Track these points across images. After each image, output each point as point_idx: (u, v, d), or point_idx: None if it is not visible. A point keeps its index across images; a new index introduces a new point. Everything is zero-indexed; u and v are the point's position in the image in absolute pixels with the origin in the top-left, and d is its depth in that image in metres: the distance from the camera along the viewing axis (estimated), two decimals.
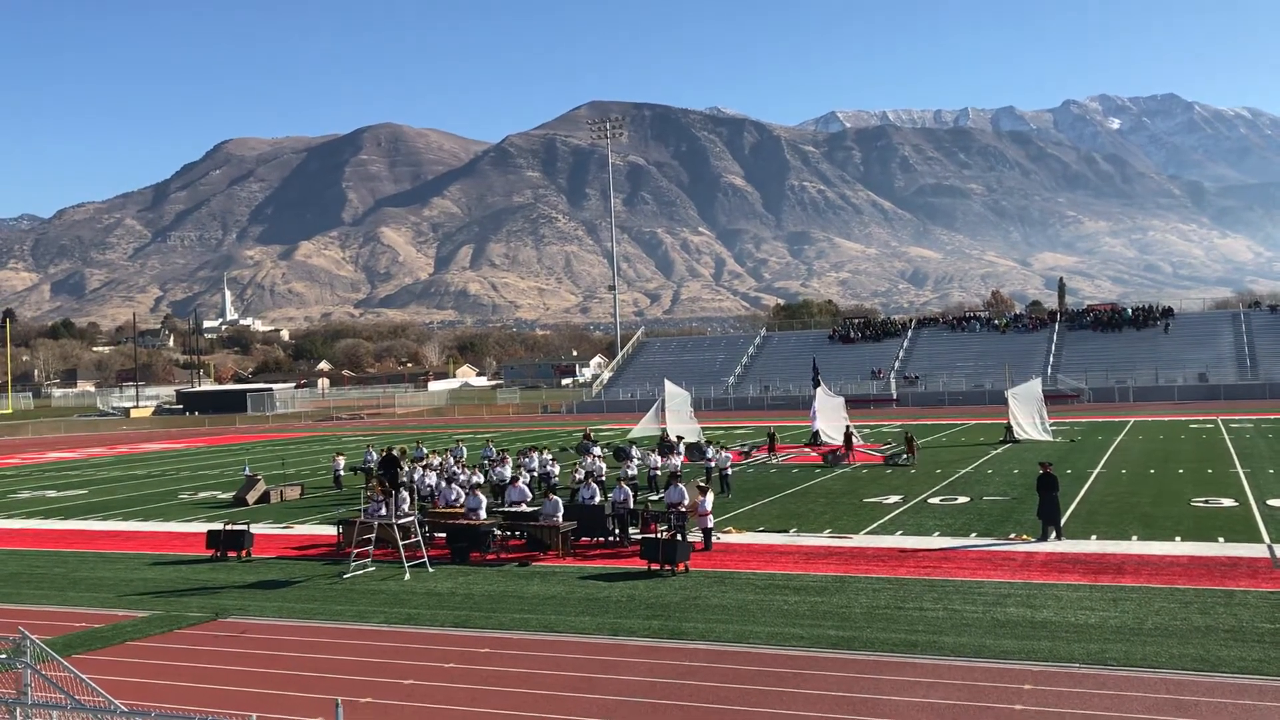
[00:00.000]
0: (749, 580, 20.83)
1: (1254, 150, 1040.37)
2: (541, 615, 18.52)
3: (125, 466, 55.10)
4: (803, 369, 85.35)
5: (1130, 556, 21.82)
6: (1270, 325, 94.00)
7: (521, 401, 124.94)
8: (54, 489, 44.57)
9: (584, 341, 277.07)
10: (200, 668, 15.99)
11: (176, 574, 23.94)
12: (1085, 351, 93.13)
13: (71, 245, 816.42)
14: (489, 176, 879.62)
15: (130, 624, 19.03)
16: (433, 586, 21.35)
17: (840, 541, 24.84)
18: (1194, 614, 16.95)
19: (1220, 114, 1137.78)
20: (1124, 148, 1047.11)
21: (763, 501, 32.09)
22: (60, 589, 22.67)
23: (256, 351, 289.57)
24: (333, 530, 27.72)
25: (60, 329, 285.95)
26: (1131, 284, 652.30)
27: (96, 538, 30.12)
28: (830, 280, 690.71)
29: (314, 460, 54.77)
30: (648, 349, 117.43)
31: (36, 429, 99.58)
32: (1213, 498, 29.63)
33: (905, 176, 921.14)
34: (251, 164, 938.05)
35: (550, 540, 24.37)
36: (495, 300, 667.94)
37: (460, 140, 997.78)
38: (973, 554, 22.74)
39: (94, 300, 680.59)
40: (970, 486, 33.75)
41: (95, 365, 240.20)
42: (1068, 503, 28.25)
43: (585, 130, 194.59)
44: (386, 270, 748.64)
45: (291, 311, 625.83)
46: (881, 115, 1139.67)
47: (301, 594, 21.22)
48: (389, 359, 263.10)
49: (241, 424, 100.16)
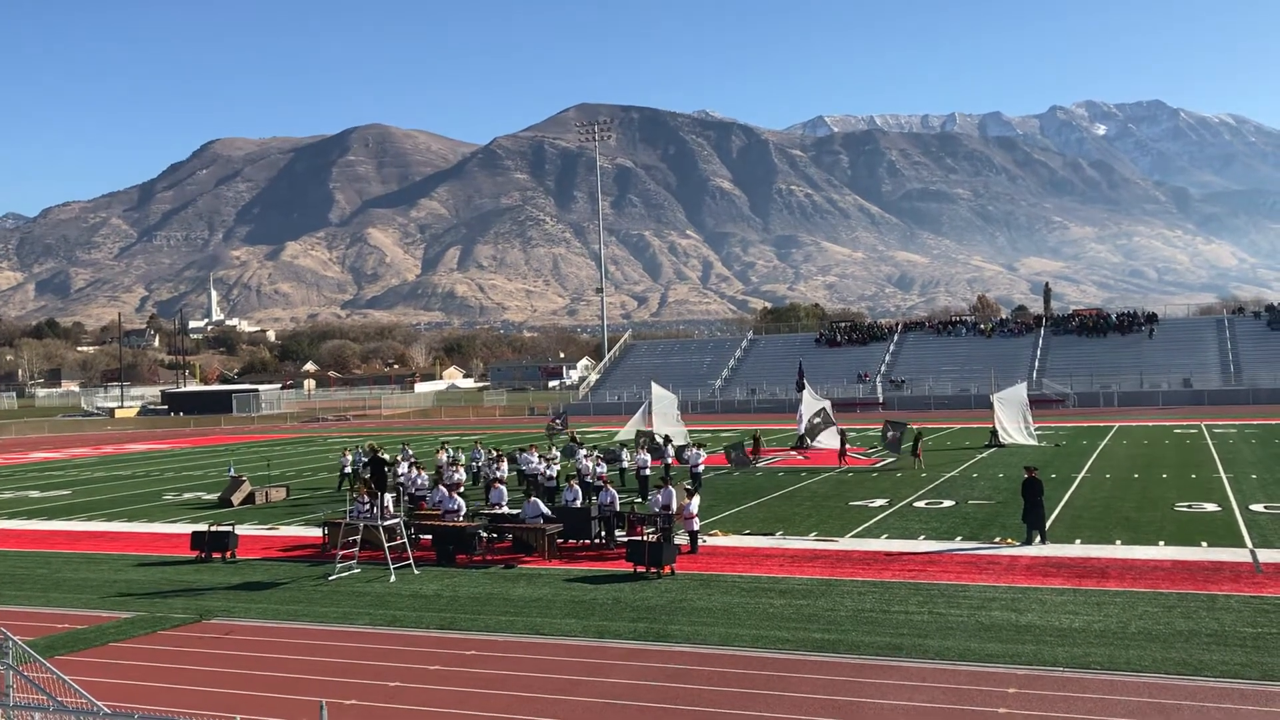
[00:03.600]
0: (735, 583, 20.85)
1: (1238, 157, 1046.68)
2: (527, 617, 18.51)
3: (110, 467, 54.83)
4: (789, 372, 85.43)
5: (1114, 561, 21.91)
6: (1254, 331, 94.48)
7: (508, 403, 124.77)
8: (38, 489, 44.32)
9: (571, 343, 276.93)
10: (184, 669, 15.93)
11: (161, 575, 23.84)
12: (1070, 356, 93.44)
13: (57, 244, 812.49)
14: (476, 178, 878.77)
15: (114, 625, 18.94)
16: (418, 588, 21.31)
17: (826, 544, 24.88)
18: (1177, 618, 17.04)
19: (1205, 121, 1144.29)
20: (1110, 154, 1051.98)
21: (749, 504, 32.11)
22: (43, 590, 22.56)
23: (242, 352, 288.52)
24: (318, 532, 27.65)
25: (45, 328, 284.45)
26: (1117, 289, 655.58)
27: (80, 538, 29.97)
28: (817, 284, 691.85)
29: (299, 462, 54.61)
30: (635, 351, 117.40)
31: (20, 429, 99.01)
32: (1196, 503, 29.77)
33: (892, 181, 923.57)
34: (238, 164, 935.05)
35: (536, 542, 24.36)
36: (482, 302, 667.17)
37: (448, 142, 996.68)
38: (958, 558, 22.80)
39: (79, 300, 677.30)
40: (956, 490, 33.84)
41: (80, 365, 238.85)
42: (1052, 507, 28.35)
43: (573, 132, 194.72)
44: (373, 271, 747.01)
45: (278, 312, 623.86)
46: (869, 120, 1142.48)
47: (286, 596, 21.16)
48: (375, 360, 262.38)
49: (227, 425, 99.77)
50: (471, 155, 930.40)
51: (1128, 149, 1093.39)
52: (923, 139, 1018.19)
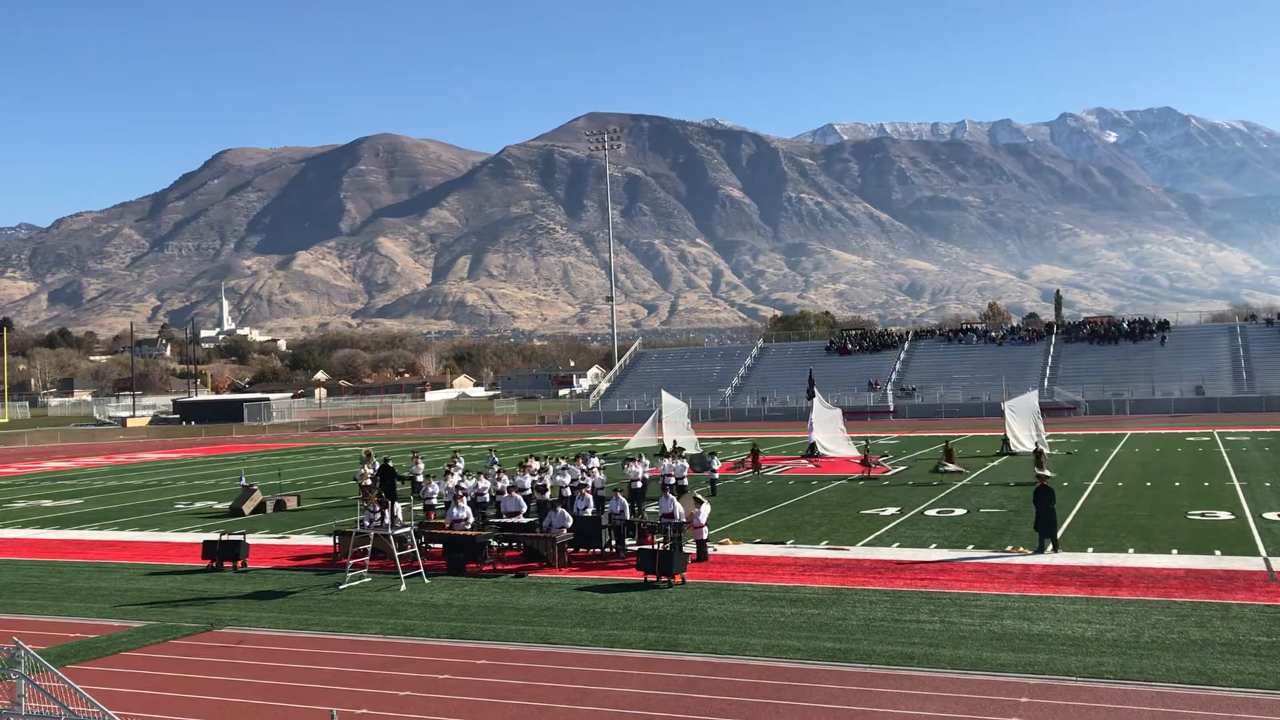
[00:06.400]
0: (745, 592, 20.80)
1: (1250, 163, 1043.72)
2: (537, 627, 18.49)
3: (121, 476, 54.98)
4: (800, 380, 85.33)
5: (1127, 569, 21.81)
6: (1266, 338, 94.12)
7: (519, 412, 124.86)
8: (50, 498, 44.47)
9: (581, 352, 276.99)
10: (195, 679, 15.96)
11: (172, 584, 23.89)
12: (1082, 364, 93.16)
13: (69, 254, 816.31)
14: (487, 187, 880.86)
15: (125, 634, 18.97)
16: (429, 598, 21.31)
17: (837, 553, 24.81)
18: (1190, 627, 16.95)
19: (1216, 127, 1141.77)
20: (1120, 161, 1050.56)
21: (760, 513, 32.06)
22: (55, 599, 22.61)
23: (253, 361, 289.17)
24: (329, 540, 27.68)
25: (57, 338, 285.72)
26: (1128, 297, 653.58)
27: (92, 548, 30.04)
28: (827, 292, 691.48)
29: (310, 470, 54.70)
30: (645, 360, 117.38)
31: (33, 438, 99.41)
32: (1209, 511, 29.61)
33: (902, 189, 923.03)
34: (250, 174, 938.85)
35: (546, 551, 24.34)
36: (493, 310, 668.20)
37: (458, 151, 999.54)
38: (970, 566, 22.73)
39: (91, 309, 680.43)
40: (967, 499, 33.73)
41: (92, 375, 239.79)
42: (1064, 515, 28.22)
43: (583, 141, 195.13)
44: (384, 280, 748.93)
45: (289, 321, 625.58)
46: (879, 128, 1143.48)
47: (297, 605, 21.18)
48: (386, 369, 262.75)
49: (238, 434, 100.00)
50: (482, 164, 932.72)
51: (1138, 156, 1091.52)
52: (933, 146, 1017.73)
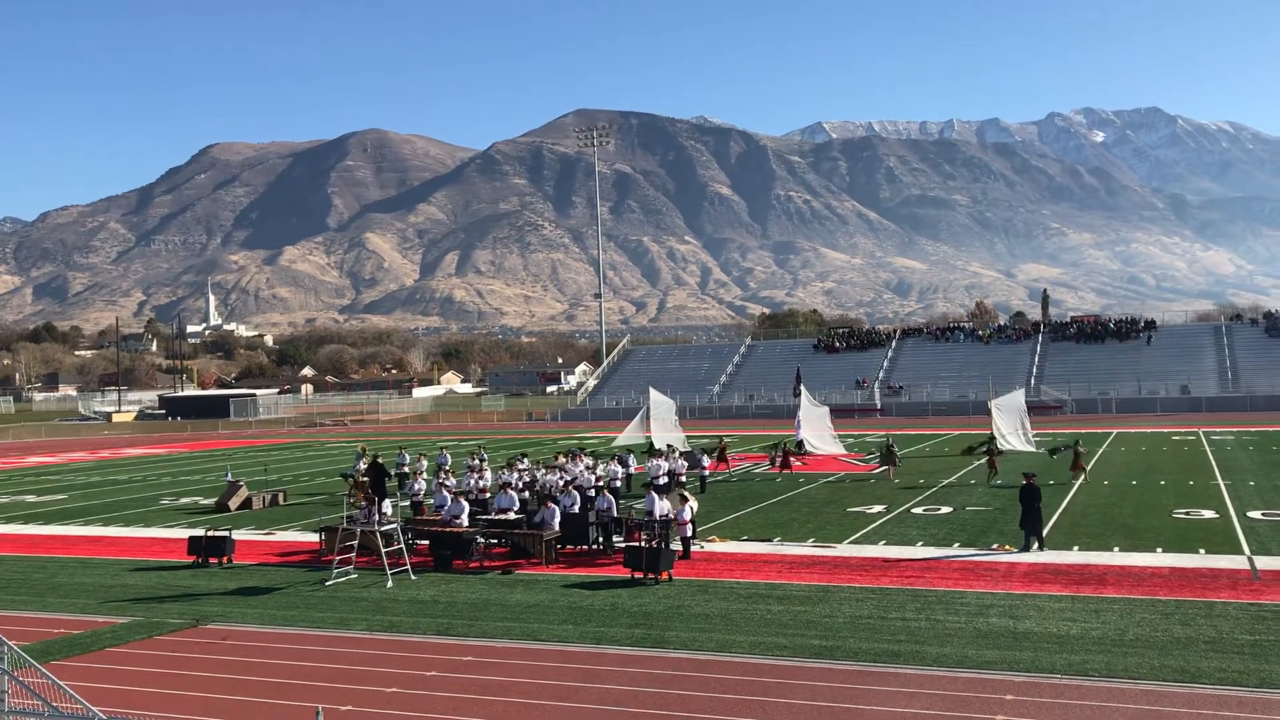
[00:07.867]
0: (732, 589, 20.83)
1: (1236, 164, 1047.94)
2: (525, 623, 18.48)
3: (106, 471, 54.76)
4: (787, 378, 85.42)
5: (1112, 568, 21.91)
6: (1252, 338, 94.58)
7: (506, 408, 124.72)
8: (34, 493, 44.27)
9: (569, 349, 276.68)
10: (181, 675, 15.90)
11: (157, 580, 23.80)
12: (1068, 363, 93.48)
13: (54, 248, 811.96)
14: (475, 183, 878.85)
15: (110, 630, 18.91)
16: (415, 594, 21.28)
17: (824, 551, 24.86)
18: (1175, 625, 17.03)
19: (1203, 128, 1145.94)
20: (1108, 160, 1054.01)
21: (746, 510, 32.10)
22: (39, 594, 22.52)
23: (240, 357, 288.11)
24: (315, 537, 27.61)
25: (42, 332, 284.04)
26: (1114, 296, 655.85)
27: (76, 543, 29.92)
28: (815, 290, 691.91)
29: (296, 466, 54.56)
30: (633, 357, 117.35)
31: (17, 433, 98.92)
32: (1194, 509, 29.76)
33: (891, 187, 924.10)
34: (237, 168, 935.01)
35: (534, 548, 24.33)
36: (481, 307, 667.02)
37: (446, 147, 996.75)
38: (955, 564, 22.79)
39: (76, 304, 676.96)
40: (953, 497, 33.83)
41: (77, 369, 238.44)
42: (1050, 514, 28.33)
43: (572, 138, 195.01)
44: (372, 276, 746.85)
45: (276, 317, 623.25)
46: (867, 126, 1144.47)
47: (283, 601, 21.12)
48: (373, 365, 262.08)
49: (224, 429, 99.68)
50: (470, 160, 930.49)
51: (1126, 156, 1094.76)
52: (921, 145, 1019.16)
